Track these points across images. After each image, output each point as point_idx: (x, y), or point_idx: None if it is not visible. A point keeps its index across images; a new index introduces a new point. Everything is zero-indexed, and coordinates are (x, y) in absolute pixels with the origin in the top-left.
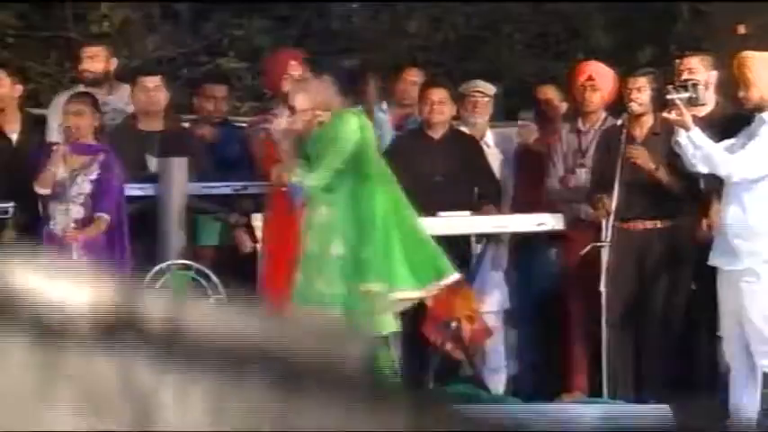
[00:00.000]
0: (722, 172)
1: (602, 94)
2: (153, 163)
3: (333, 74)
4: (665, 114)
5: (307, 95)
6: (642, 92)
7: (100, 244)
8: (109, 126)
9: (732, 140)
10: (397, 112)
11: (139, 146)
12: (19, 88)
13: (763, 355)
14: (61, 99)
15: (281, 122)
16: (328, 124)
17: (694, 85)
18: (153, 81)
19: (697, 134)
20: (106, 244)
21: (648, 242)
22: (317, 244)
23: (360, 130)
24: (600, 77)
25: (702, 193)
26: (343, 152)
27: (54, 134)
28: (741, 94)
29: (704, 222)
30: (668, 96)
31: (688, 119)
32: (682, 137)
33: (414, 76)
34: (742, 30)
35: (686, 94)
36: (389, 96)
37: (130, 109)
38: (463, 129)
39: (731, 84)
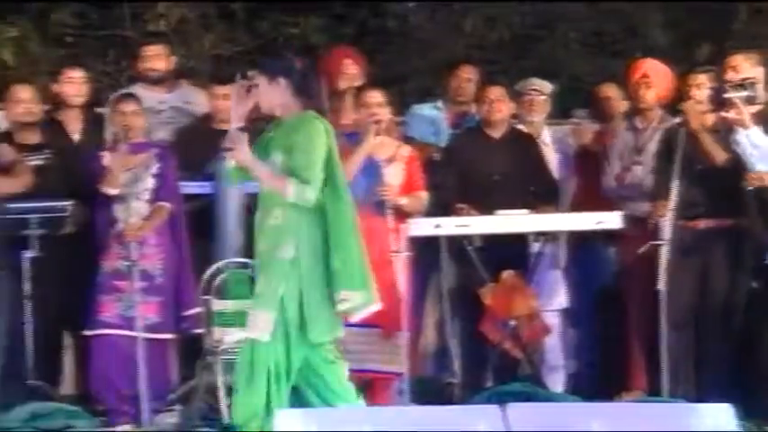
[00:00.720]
0: None
1: (657, 91)
2: None
3: (287, 76)
4: (723, 113)
5: (261, 101)
6: (702, 89)
7: (161, 240)
8: (176, 124)
9: None
10: (452, 110)
11: (213, 145)
12: (87, 88)
13: None
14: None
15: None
16: (292, 130)
17: (752, 84)
18: (223, 90)
19: (755, 133)
20: (168, 239)
21: (709, 240)
22: (267, 245)
23: (325, 133)
24: (654, 75)
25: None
26: (322, 159)
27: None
28: None
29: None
30: (726, 95)
31: (746, 117)
32: (740, 135)
33: (468, 73)
34: None
35: (744, 93)
36: (444, 94)
37: (189, 108)
38: (521, 127)
39: None
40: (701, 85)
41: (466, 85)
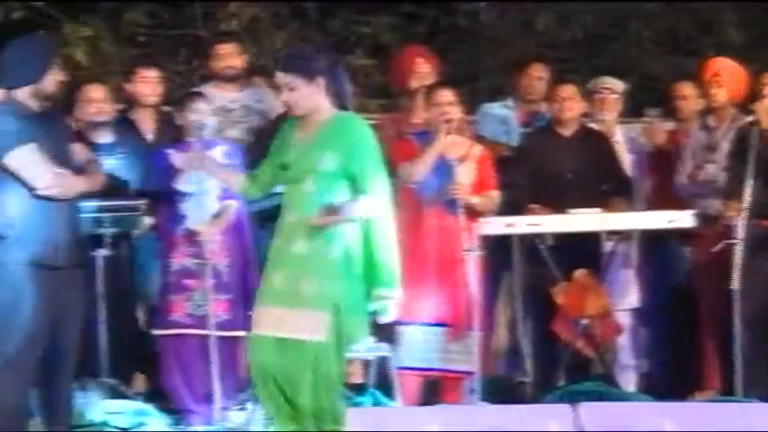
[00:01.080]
0: None
1: (728, 90)
2: None
3: (325, 76)
4: None
5: (300, 103)
6: None
7: (226, 238)
8: (247, 123)
9: None
10: (522, 109)
11: None
12: (160, 88)
13: None
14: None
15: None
16: (339, 132)
17: None
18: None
19: None
20: (233, 236)
21: None
22: (311, 246)
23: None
24: (726, 74)
25: None
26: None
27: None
28: None
29: None
30: None
31: None
32: None
33: (538, 72)
34: None
35: None
36: (514, 92)
37: (260, 107)
38: (592, 126)
39: None
40: None
41: (536, 83)
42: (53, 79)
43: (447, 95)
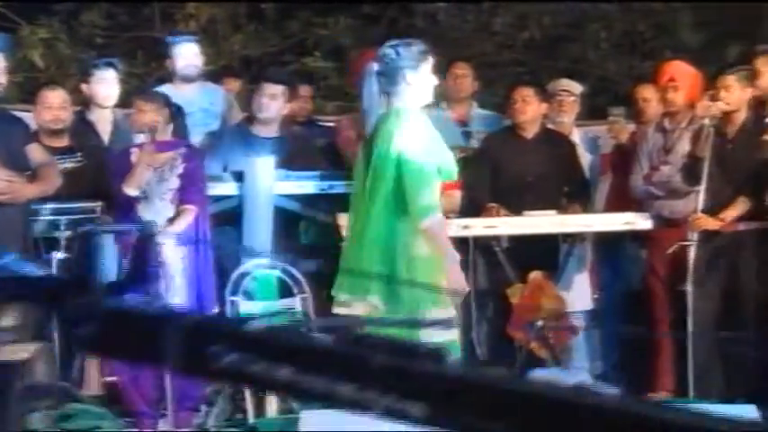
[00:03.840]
0: None
1: (684, 93)
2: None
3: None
4: None
5: None
6: (730, 91)
7: (185, 240)
8: (202, 127)
9: None
10: (455, 109)
11: (250, 148)
12: (117, 89)
13: None
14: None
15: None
16: None
17: None
18: (271, 89)
19: None
20: (192, 242)
21: (738, 242)
22: (403, 246)
23: None
24: (682, 78)
25: None
26: None
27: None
28: None
29: None
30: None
31: None
32: None
33: (461, 69)
34: None
35: None
36: (445, 93)
37: (216, 109)
38: (553, 128)
39: None
40: (730, 88)
41: (461, 80)
42: None
43: None
